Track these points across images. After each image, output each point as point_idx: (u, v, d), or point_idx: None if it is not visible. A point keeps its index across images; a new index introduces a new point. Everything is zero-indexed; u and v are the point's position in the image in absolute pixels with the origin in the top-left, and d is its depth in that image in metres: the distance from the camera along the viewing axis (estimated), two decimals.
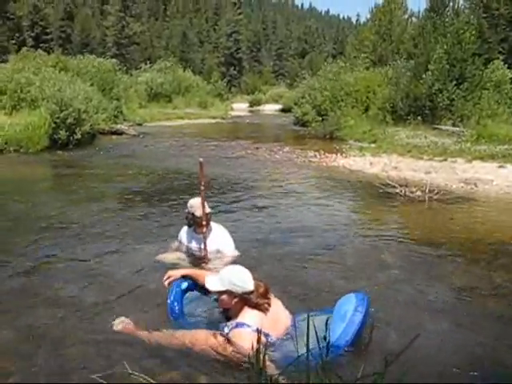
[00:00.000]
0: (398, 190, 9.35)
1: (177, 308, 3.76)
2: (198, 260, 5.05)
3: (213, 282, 3.40)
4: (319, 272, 5.00)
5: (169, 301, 3.79)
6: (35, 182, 10.66)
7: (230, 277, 3.31)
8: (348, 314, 3.28)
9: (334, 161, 13.83)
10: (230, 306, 3.37)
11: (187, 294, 3.91)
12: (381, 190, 9.52)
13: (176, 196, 8.90)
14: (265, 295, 3.32)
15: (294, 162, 13.83)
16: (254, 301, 3.27)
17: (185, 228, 5.34)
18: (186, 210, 5.15)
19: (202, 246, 4.99)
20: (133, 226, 6.85)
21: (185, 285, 3.90)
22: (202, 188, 4.80)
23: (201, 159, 4.85)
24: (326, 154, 14.80)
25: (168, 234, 6.16)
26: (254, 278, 3.38)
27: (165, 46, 77.53)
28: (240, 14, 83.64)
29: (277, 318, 3.33)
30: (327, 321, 3.15)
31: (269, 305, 3.31)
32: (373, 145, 16.38)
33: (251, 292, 3.28)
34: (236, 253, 5.18)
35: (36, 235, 6.29)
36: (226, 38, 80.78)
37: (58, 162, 13.77)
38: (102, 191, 9.68)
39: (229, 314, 3.41)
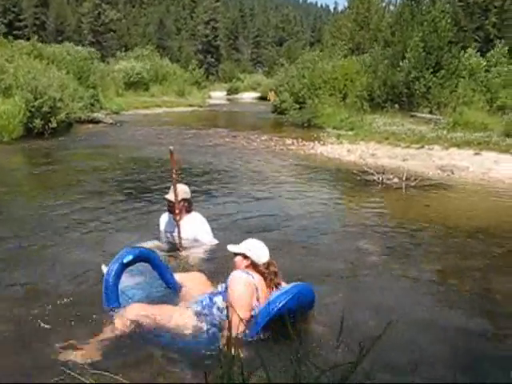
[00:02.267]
0: (375, 177, 9.40)
1: (111, 283, 3.52)
2: (175, 248, 5.02)
3: (233, 245, 3.69)
4: (296, 258, 5.00)
5: (105, 275, 3.59)
6: (9, 171, 10.49)
7: (248, 244, 3.63)
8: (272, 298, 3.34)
9: (311, 148, 13.84)
10: (240, 268, 3.55)
11: (133, 267, 3.70)
12: (358, 178, 9.56)
13: (153, 184, 8.84)
14: (274, 274, 3.56)
15: (272, 149, 13.81)
16: (262, 270, 3.54)
17: (165, 214, 5.34)
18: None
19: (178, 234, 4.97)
20: (109, 214, 6.78)
21: (129, 258, 3.59)
22: (174, 176, 4.85)
23: (171, 147, 4.92)
24: (304, 142, 14.82)
25: (145, 223, 6.14)
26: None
27: (141, 33, 76.59)
28: (217, 1, 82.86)
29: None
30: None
31: (273, 282, 3.53)
32: (350, 132, 16.42)
33: (262, 263, 3.55)
34: (214, 241, 5.16)
35: (10, 225, 6.21)
36: (204, 25, 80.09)
37: (33, 151, 13.55)
38: (77, 181, 9.54)
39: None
